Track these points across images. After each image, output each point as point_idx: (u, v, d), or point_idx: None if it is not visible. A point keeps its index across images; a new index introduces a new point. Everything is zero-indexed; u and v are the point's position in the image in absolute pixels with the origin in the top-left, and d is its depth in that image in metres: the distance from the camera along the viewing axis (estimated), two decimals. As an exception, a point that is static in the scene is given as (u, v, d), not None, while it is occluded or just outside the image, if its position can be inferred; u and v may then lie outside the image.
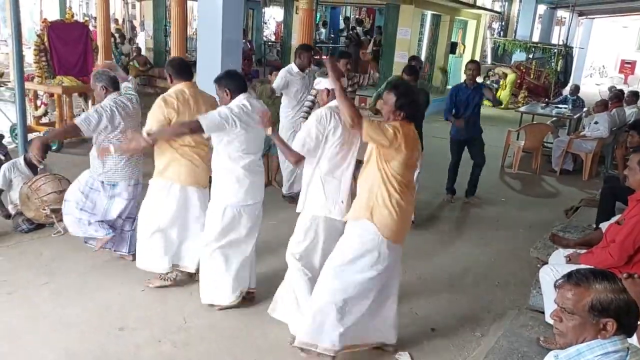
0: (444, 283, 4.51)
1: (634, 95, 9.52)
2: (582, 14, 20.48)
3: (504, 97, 15.08)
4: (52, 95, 7.73)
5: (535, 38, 18.98)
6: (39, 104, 7.85)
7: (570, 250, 3.67)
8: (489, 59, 16.05)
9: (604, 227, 3.77)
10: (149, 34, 13.86)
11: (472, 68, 6.19)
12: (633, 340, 1.82)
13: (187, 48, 10.71)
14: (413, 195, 3.22)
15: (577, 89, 10.94)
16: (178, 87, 3.81)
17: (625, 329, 1.70)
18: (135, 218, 4.18)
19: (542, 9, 19.40)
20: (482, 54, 16.66)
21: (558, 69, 15.06)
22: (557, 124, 9.65)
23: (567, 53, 15.31)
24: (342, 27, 16.54)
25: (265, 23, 17.84)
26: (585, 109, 10.23)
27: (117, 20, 16.20)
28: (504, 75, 15.17)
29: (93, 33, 9.12)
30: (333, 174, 3.25)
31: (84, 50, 7.81)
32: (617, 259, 3.21)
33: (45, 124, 7.82)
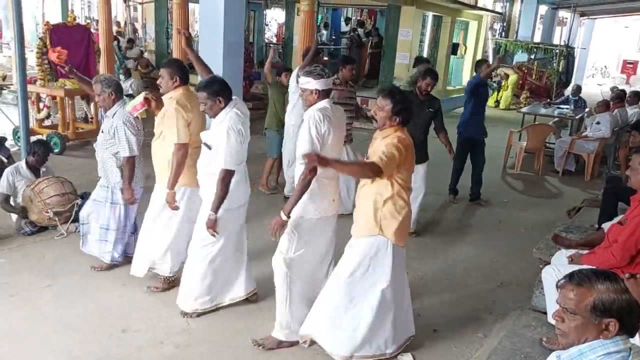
0: (446, 284, 4.51)
1: (636, 96, 9.48)
2: (583, 15, 20.44)
3: (506, 98, 15.08)
4: (54, 98, 7.76)
5: (537, 39, 18.94)
6: (42, 107, 7.88)
7: (573, 251, 3.67)
8: (491, 60, 16.03)
9: (606, 227, 3.76)
10: (151, 37, 13.89)
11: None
12: (635, 341, 1.81)
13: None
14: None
15: (579, 90, 10.92)
16: (182, 90, 3.79)
17: (628, 329, 1.69)
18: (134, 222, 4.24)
19: (543, 10, 19.36)
20: (483, 55, 16.63)
21: (560, 70, 15.04)
22: (559, 125, 9.64)
23: (568, 53, 15.28)
24: (345, 29, 16.55)
25: (267, 25, 17.86)
26: (587, 110, 10.22)
27: (118, 23, 16.22)
28: (506, 76, 15.16)
29: (95, 36, 9.13)
30: (327, 175, 3.25)
31: (86, 53, 7.84)
32: (619, 259, 3.21)
33: (48, 127, 7.85)
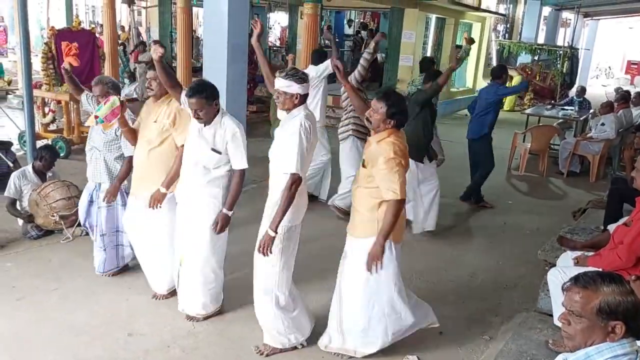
0: (452, 286, 4.50)
1: (641, 96, 9.47)
2: (587, 15, 20.39)
3: (510, 99, 15.03)
4: (59, 102, 7.80)
5: (541, 40, 18.87)
6: (47, 111, 7.92)
7: (578, 253, 3.66)
8: (494, 62, 15.99)
9: (612, 229, 3.76)
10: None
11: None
12: (642, 343, 1.81)
13: (192, 54, 10.75)
14: None
15: (583, 91, 10.90)
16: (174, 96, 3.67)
17: (634, 332, 1.69)
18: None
19: (547, 11, 19.30)
20: (487, 57, 16.62)
21: (564, 71, 14.99)
22: (563, 126, 9.62)
23: (572, 54, 15.23)
24: (348, 32, 16.57)
25: (270, 28, 17.89)
26: (592, 111, 10.19)
27: (123, 27, 16.28)
28: (510, 78, 15.13)
29: (99, 40, 9.17)
30: (306, 182, 3.27)
31: (91, 58, 7.88)
32: (625, 261, 3.20)
33: (53, 131, 7.88)
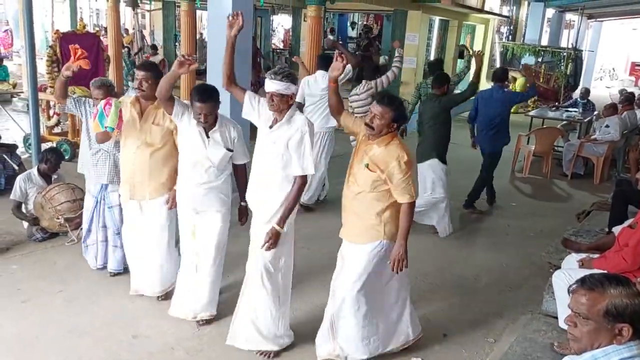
0: (456, 288, 4.49)
1: (645, 98, 9.44)
2: (591, 17, 20.37)
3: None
4: (64, 105, 7.81)
5: (544, 42, 18.88)
6: (52, 114, 7.94)
7: (583, 255, 3.65)
8: (498, 63, 15.97)
9: (617, 231, 3.75)
10: (159, 44, 13.97)
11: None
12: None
13: (197, 57, 10.77)
14: None
15: (587, 92, 10.87)
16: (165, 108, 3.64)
17: (641, 334, 1.69)
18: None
19: (550, 13, 19.29)
20: (490, 59, 16.61)
21: (567, 73, 14.96)
22: (567, 128, 9.59)
23: (576, 56, 15.20)
24: (351, 34, 16.58)
25: (274, 31, 17.92)
26: (596, 113, 10.16)
27: (127, 30, 16.32)
28: (513, 79, 15.11)
29: (104, 44, 9.20)
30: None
31: (96, 61, 7.89)
32: (630, 263, 3.19)
33: (58, 134, 7.91)
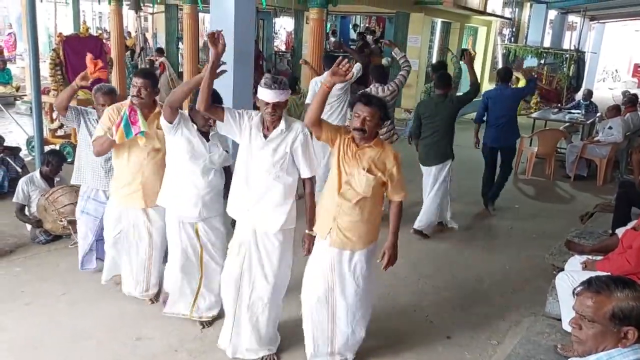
0: (459, 291, 4.48)
1: (648, 100, 9.42)
2: (593, 19, 20.36)
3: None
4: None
5: (547, 43, 18.85)
6: (55, 117, 7.96)
7: (586, 257, 3.64)
8: (500, 65, 15.97)
9: (620, 232, 3.74)
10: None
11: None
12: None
13: (199, 59, 10.79)
14: None
15: (590, 94, 10.85)
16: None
17: (646, 337, 1.68)
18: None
19: (553, 15, 19.27)
20: (493, 60, 16.60)
21: (570, 74, 14.95)
22: (570, 130, 9.58)
23: (579, 58, 15.19)
24: (354, 36, 16.59)
25: (276, 33, 17.94)
26: (599, 114, 10.14)
27: (129, 33, 16.38)
28: (516, 81, 15.11)
29: (107, 47, 9.23)
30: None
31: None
32: (634, 265, 3.18)
33: (61, 137, 7.93)
